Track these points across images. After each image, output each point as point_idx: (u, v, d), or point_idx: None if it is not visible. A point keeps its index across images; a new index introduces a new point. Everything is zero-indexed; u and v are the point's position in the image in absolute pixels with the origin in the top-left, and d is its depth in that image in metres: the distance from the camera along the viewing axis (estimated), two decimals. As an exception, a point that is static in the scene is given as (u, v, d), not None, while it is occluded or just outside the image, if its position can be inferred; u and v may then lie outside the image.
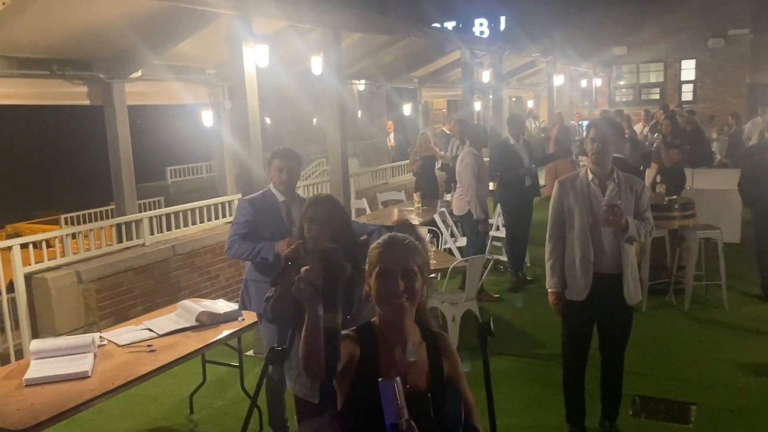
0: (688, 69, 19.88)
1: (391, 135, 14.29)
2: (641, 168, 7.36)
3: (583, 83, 19.19)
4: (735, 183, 6.68)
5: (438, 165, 10.59)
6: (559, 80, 15.71)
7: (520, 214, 7.21)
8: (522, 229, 7.26)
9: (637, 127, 12.90)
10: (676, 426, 4.18)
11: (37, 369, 3.28)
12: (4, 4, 4.73)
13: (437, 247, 6.16)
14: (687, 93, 19.93)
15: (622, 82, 21.24)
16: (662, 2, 19.69)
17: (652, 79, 20.76)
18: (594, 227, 3.66)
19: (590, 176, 3.72)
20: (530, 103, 19.74)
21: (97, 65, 6.70)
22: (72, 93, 6.68)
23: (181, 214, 6.95)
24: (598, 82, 20.00)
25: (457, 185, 6.92)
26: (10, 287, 5.40)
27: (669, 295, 6.53)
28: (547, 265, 3.87)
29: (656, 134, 11.74)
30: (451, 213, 7.32)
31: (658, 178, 7.40)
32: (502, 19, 23.80)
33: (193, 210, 7.10)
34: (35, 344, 3.55)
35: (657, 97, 20.20)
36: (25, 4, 4.92)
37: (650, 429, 4.18)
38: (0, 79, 5.83)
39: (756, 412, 4.32)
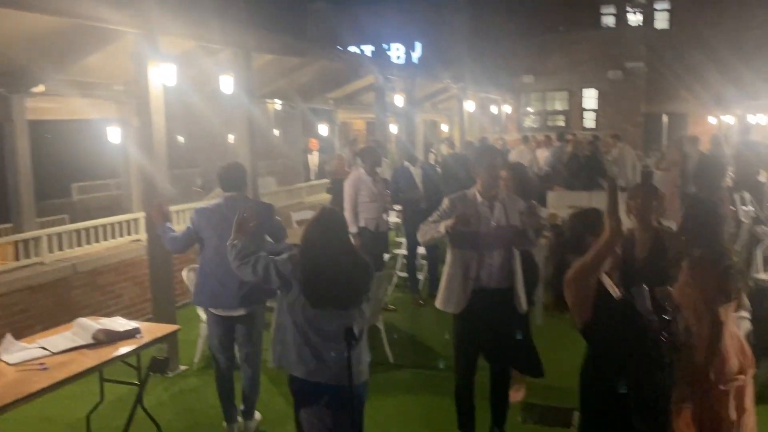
0: (590, 98, 21.15)
1: (315, 153, 14.15)
2: None
3: (494, 110, 20.00)
4: None
5: None
6: (470, 106, 16.30)
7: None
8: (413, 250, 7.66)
9: (540, 152, 13.58)
10: (559, 430, 4.49)
11: None
12: None
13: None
14: (590, 120, 21.15)
15: (530, 109, 22.29)
16: (567, 35, 20.97)
17: (558, 107, 21.93)
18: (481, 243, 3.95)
19: (479, 197, 4.03)
20: (444, 128, 20.38)
21: (-6, 78, 6.51)
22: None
23: (83, 231, 6.79)
24: (507, 108, 20.89)
25: None
26: None
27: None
28: (431, 226, 3.97)
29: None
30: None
31: None
32: (418, 45, 24.52)
33: (95, 227, 6.96)
34: None
35: (563, 123, 21.30)
36: None
37: (536, 433, 4.47)
38: None
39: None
